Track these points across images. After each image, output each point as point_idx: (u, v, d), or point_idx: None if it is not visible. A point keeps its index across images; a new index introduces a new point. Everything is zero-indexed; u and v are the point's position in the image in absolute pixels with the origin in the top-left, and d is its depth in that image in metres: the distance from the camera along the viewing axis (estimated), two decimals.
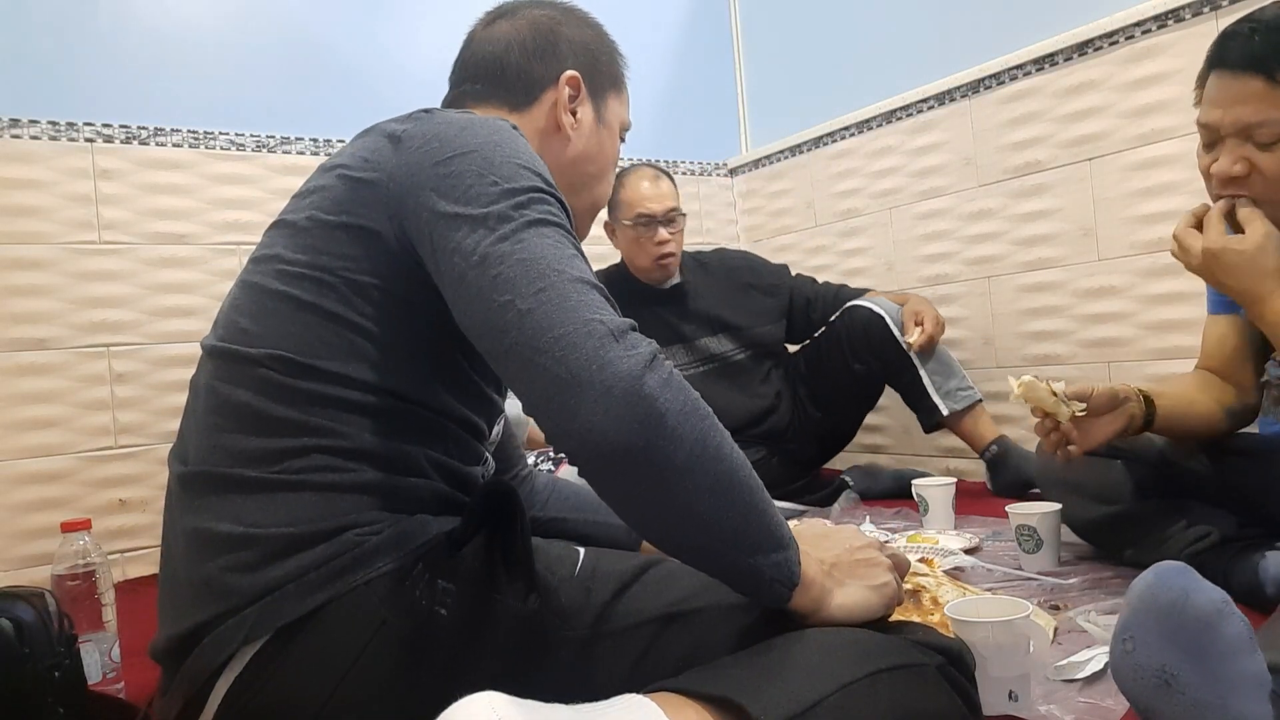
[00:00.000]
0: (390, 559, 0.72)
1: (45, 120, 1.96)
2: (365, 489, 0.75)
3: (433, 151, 0.78)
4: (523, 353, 0.67)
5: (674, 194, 2.21)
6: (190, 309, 2.09)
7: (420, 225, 0.76)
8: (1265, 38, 1.08)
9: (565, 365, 0.65)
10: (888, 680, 0.71)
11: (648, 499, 0.68)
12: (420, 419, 0.79)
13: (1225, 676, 0.70)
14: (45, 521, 1.89)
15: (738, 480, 0.70)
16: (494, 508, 0.78)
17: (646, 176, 2.19)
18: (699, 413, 0.68)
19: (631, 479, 0.67)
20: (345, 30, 2.35)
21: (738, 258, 2.41)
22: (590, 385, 0.64)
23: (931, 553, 1.46)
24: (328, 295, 0.78)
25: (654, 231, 2.15)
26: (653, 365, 0.66)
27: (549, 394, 0.65)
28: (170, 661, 0.75)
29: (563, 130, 0.97)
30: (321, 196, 0.82)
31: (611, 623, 0.78)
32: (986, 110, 2.26)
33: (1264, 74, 1.07)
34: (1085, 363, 2.10)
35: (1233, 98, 1.10)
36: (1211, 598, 0.72)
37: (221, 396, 0.78)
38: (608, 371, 0.64)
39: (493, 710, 0.57)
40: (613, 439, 0.64)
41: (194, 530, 0.75)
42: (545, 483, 1.19)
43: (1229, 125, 1.12)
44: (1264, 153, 1.10)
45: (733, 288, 2.31)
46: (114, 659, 1.24)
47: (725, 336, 2.27)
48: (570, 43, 0.98)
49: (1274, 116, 1.08)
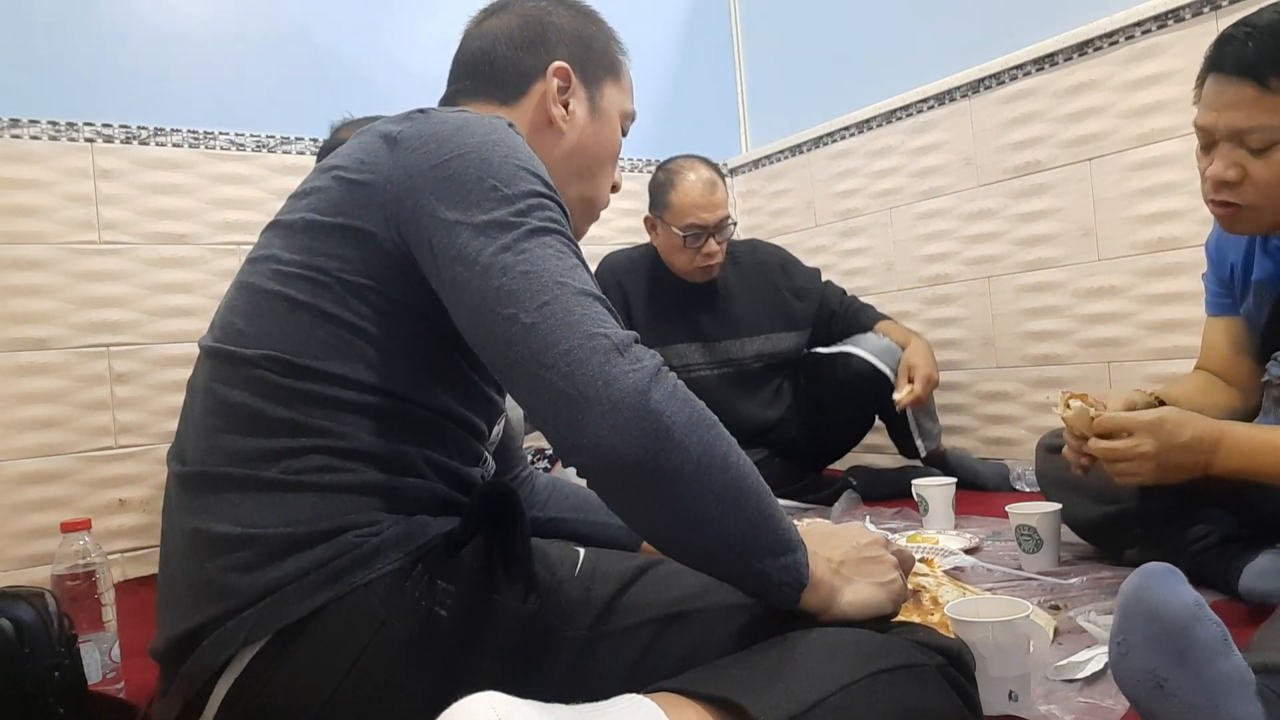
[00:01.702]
0: (390, 560, 0.72)
1: (45, 120, 1.96)
2: (364, 489, 0.75)
3: (429, 153, 0.77)
4: (528, 368, 0.67)
5: (727, 199, 2.12)
6: (190, 309, 2.09)
7: (419, 230, 0.75)
8: (1259, 44, 1.08)
9: (572, 381, 0.65)
10: (888, 680, 0.71)
11: (657, 510, 0.69)
12: (418, 419, 0.79)
13: (1209, 679, 0.71)
14: (45, 521, 1.89)
15: (745, 488, 0.70)
16: (493, 508, 0.78)
17: (702, 182, 2.08)
18: (705, 423, 0.69)
19: (640, 491, 0.68)
20: (345, 30, 2.35)
21: (771, 254, 2.32)
22: (597, 401, 0.65)
23: (931, 553, 1.46)
24: (323, 296, 0.77)
25: (704, 242, 2.08)
26: (658, 378, 0.67)
27: (556, 410, 0.66)
28: (170, 662, 0.74)
29: (554, 123, 0.95)
30: (317, 198, 0.81)
31: (611, 623, 0.78)
32: (986, 110, 2.26)
33: (1256, 80, 1.08)
34: (1085, 363, 2.10)
35: (1226, 102, 1.11)
36: (1185, 602, 0.72)
37: (218, 397, 0.77)
38: (614, 387, 0.65)
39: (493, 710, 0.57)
40: (621, 453, 0.65)
41: (192, 531, 0.75)
42: (545, 483, 1.19)
43: (1222, 129, 1.12)
44: (1256, 158, 1.11)
45: (764, 287, 2.24)
46: (114, 659, 1.24)
47: (747, 341, 2.22)
48: (560, 31, 0.96)
49: (1265, 123, 1.08)
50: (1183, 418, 1.13)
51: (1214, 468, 1.13)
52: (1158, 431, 1.13)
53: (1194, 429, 1.13)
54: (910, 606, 1.14)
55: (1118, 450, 1.15)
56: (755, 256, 2.29)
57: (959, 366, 2.41)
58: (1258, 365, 1.34)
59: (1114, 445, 1.16)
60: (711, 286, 2.20)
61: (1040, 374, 2.21)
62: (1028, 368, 2.24)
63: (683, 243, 2.09)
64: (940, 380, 2.07)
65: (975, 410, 2.38)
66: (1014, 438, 2.28)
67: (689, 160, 2.15)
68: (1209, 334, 1.43)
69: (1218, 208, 1.18)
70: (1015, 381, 2.27)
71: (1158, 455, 1.13)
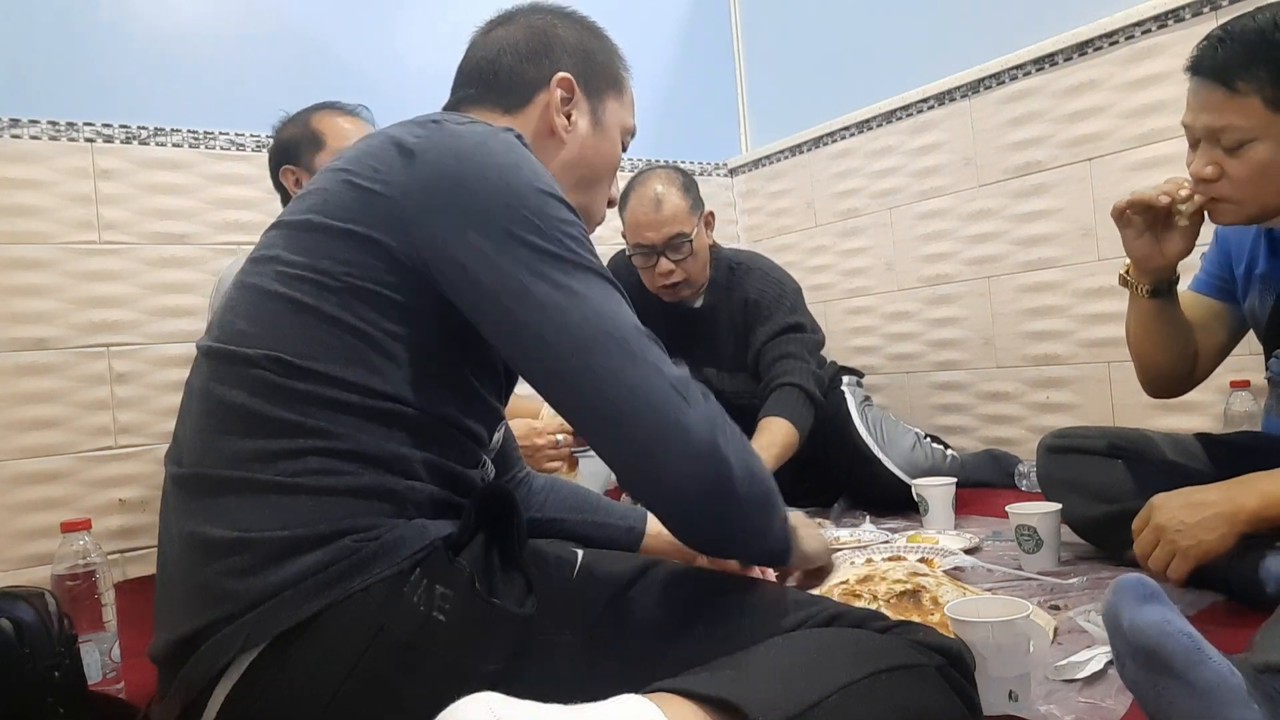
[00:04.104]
0: (387, 565, 0.72)
1: (45, 120, 1.96)
2: (361, 492, 0.74)
3: (450, 172, 0.77)
4: (604, 412, 0.74)
5: (681, 216, 1.91)
6: (190, 309, 2.09)
7: (445, 252, 0.76)
8: (1228, 50, 1.13)
9: (650, 433, 0.73)
10: (887, 681, 0.71)
11: (719, 532, 0.81)
12: (419, 423, 0.79)
13: (1198, 688, 0.71)
14: (45, 521, 1.89)
15: (769, 488, 0.82)
16: (491, 511, 0.78)
17: (646, 200, 1.91)
18: (745, 448, 0.79)
19: (708, 522, 0.79)
20: (345, 30, 2.35)
21: (754, 288, 2.04)
22: (677, 454, 0.74)
23: (931, 553, 1.46)
24: (328, 299, 0.77)
25: (654, 261, 1.94)
26: (720, 425, 0.76)
27: (634, 456, 0.75)
28: (168, 666, 0.74)
29: (556, 133, 0.96)
30: (323, 199, 0.81)
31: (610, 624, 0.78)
32: (986, 110, 2.26)
33: (1224, 84, 1.14)
34: (1085, 363, 2.10)
35: (1200, 104, 1.18)
36: (1151, 619, 0.73)
37: (216, 398, 0.77)
38: (691, 439, 0.74)
39: (490, 711, 0.57)
40: (693, 498, 0.76)
41: (189, 534, 0.74)
42: (543, 484, 1.19)
43: (1199, 129, 1.19)
44: (1230, 157, 1.17)
45: (743, 327, 2.04)
46: (114, 659, 1.24)
47: (727, 376, 2.07)
48: (564, 44, 0.97)
49: (1234, 123, 1.14)
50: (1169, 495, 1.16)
51: (1246, 502, 1.12)
52: (1151, 508, 1.16)
53: (1187, 491, 1.15)
54: (910, 606, 1.14)
55: (1145, 541, 1.16)
56: (743, 287, 2.06)
57: (959, 366, 2.41)
58: (1215, 354, 1.41)
59: (1140, 540, 1.17)
60: (695, 314, 2.06)
61: (1040, 374, 2.21)
62: (1028, 368, 2.24)
63: (638, 264, 1.98)
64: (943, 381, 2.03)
65: (975, 410, 2.38)
66: (1014, 438, 2.28)
67: (646, 174, 1.98)
68: (1184, 306, 1.43)
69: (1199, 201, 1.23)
70: (1015, 381, 2.27)
71: (1168, 520, 1.14)
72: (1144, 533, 1.16)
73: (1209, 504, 1.12)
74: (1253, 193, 1.17)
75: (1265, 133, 1.13)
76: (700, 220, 1.99)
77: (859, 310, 2.68)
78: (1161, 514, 1.14)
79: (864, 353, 2.67)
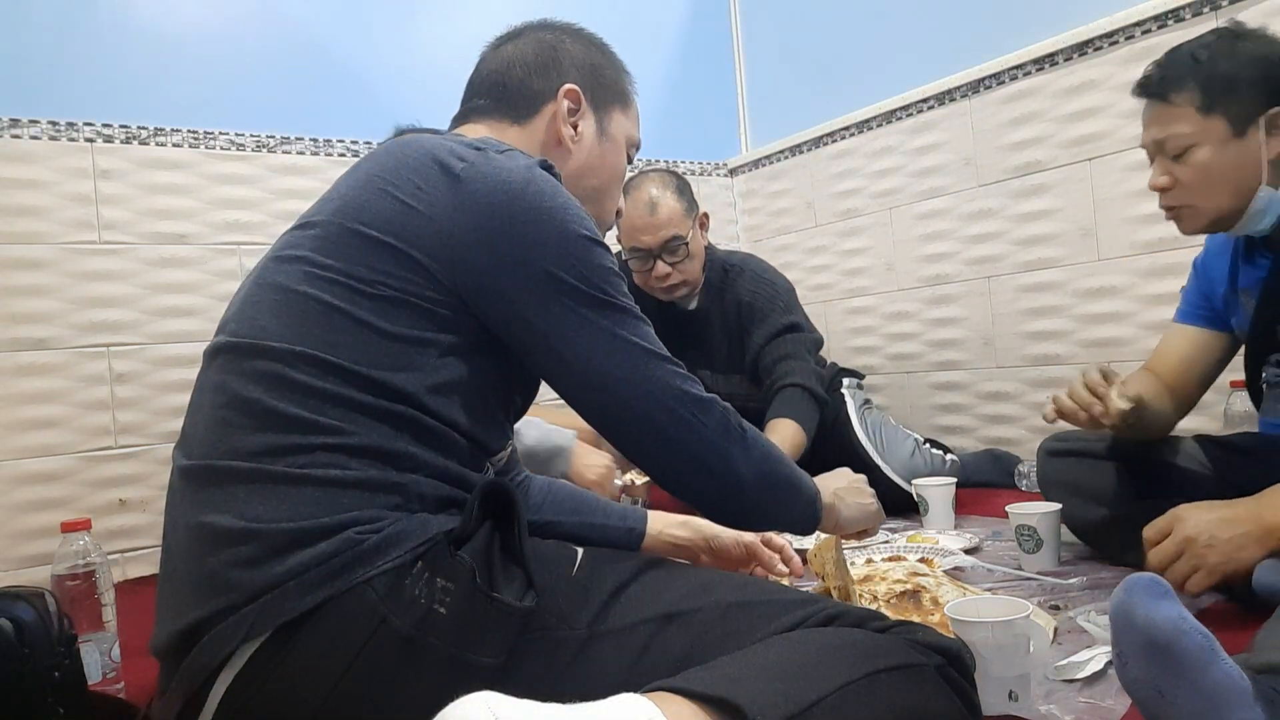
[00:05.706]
0: (390, 557, 0.72)
1: (45, 120, 1.96)
2: (367, 485, 0.75)
3: (500, 208, 0.81)
4: (646, 432, 0.85)
5: (676, 219, 1.93)
6: (190, 309, 2.10)
7: (493, 287, 0.81)
8: (1163, 68, 1.27)
9: (698, 456, 0.86)
10: (886, 681, 0.71)
11: (739, 517, 0.95)
12: (430, 427, 0.80)
13: (1205, 688, 0.71)
14: (45, 521, 1.89)
15: (784, 471, 0.93)
16: (493, 506, 0.79)
17: (641, 203, 1.93)
18: (759, 445, 0.89)
19: (737, 516, 0.95)
20: (345, 30, 2.35)
21: (747, 290, 2.05)
22: (721, 475, 0.87)
23: (931, 553, 1.46)
24: (360, 303, 0.79)
25: (650, 264, 1.97)
26: (743, 441, 0.88)
27: (679, 470, 0.87)
28: (170, 658, 0.75)
29: (563, 143, 0.99)
30: (358, 206, 0.82)
31: (609, 622, 0.78)
32: (986, 110, 2.26)
33: (1162, 99, 1.26)
34: (1085, 363, 2.10)
35: (1148, 120, 1.29)
36: (1167, 616, 0.73)
37: (232, 392, 0.78)
38: (732, 465, 0.87)
39: (489, 710, 0.57)
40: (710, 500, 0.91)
41: (196, 525, 0.75)
42: (541, 485, 1.19)
43: (1150, 144, 1.29)
44: (1178, 164, 1.25)
45: (737, 330, 2.05)
46: (114, 659, 1.24)
47: (721, 378, 2.09)
48: (571, 58, 1.01)
49: (1174, 131, 1.24)
50: (1195, 507, 1.14)
51: (1276, 521, 1.09)
52: (1176, 519, 1.13)
53: (1215, 505, 1.12)
54: (910, 606, 1.15)
55: (1167, 552, 1.12)
56: (735, 290, 2.06)
57: (959, 366, 2.41)
58: (1205, 382, 1.44)
59: (1160, 550, 1.13)
60: (691, 316, 2.08)
61: (1040, 374, 2.21)
62: (1028, 368, 2.24)
63: (634, 267, 2.00)
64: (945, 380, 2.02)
65: (975, 410, 2.38)
66: (1014, 438, 2.28)
67: (640, 178, 2.00)
68: (1168, 339, 1.48)
69: (1166, 213, 1.30)
70: (1015, 381, 2.27)
71: (1198, 534, 1.10)
72: (1166, 543, 1.12)
73: (1240, 520, 1.10)
74: (1203, 195, 1.24)
75: (1203, 137, 1.23)
76: (695, 222, 2.01)
77: (859, 310, 2.68)
78: (1191, 527, 1.10)
79: (864, 353, 2.67)
